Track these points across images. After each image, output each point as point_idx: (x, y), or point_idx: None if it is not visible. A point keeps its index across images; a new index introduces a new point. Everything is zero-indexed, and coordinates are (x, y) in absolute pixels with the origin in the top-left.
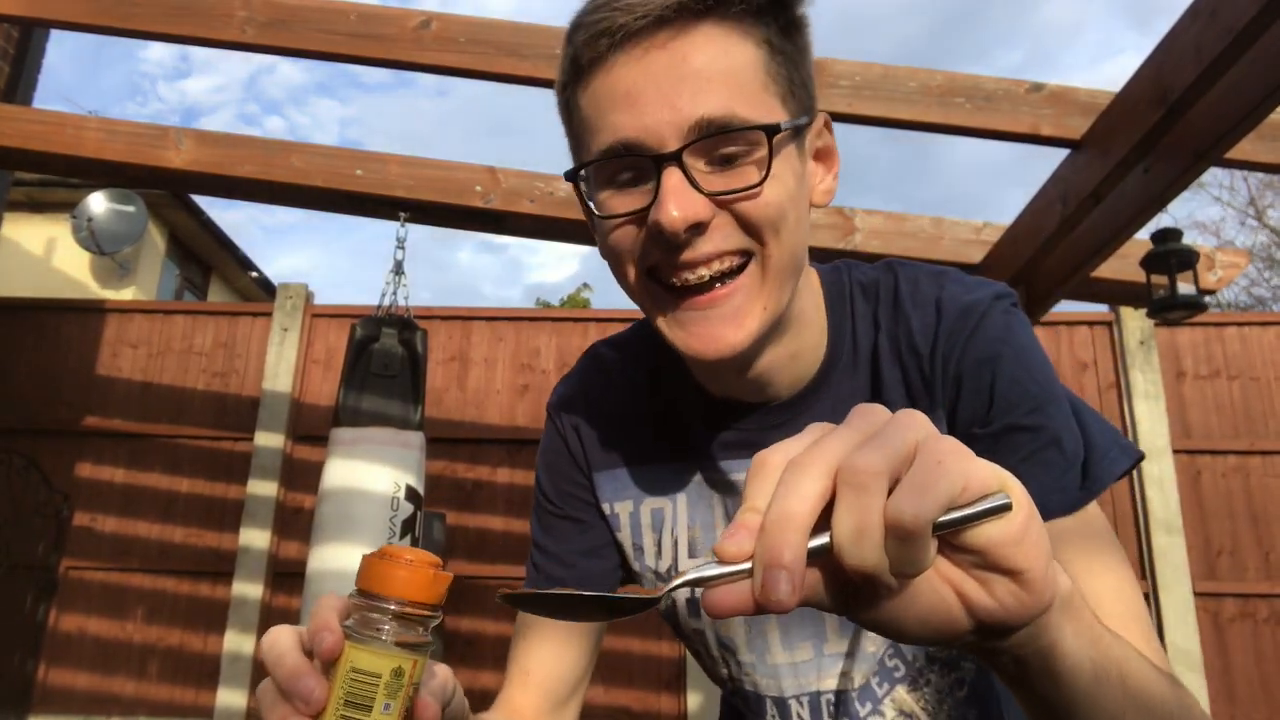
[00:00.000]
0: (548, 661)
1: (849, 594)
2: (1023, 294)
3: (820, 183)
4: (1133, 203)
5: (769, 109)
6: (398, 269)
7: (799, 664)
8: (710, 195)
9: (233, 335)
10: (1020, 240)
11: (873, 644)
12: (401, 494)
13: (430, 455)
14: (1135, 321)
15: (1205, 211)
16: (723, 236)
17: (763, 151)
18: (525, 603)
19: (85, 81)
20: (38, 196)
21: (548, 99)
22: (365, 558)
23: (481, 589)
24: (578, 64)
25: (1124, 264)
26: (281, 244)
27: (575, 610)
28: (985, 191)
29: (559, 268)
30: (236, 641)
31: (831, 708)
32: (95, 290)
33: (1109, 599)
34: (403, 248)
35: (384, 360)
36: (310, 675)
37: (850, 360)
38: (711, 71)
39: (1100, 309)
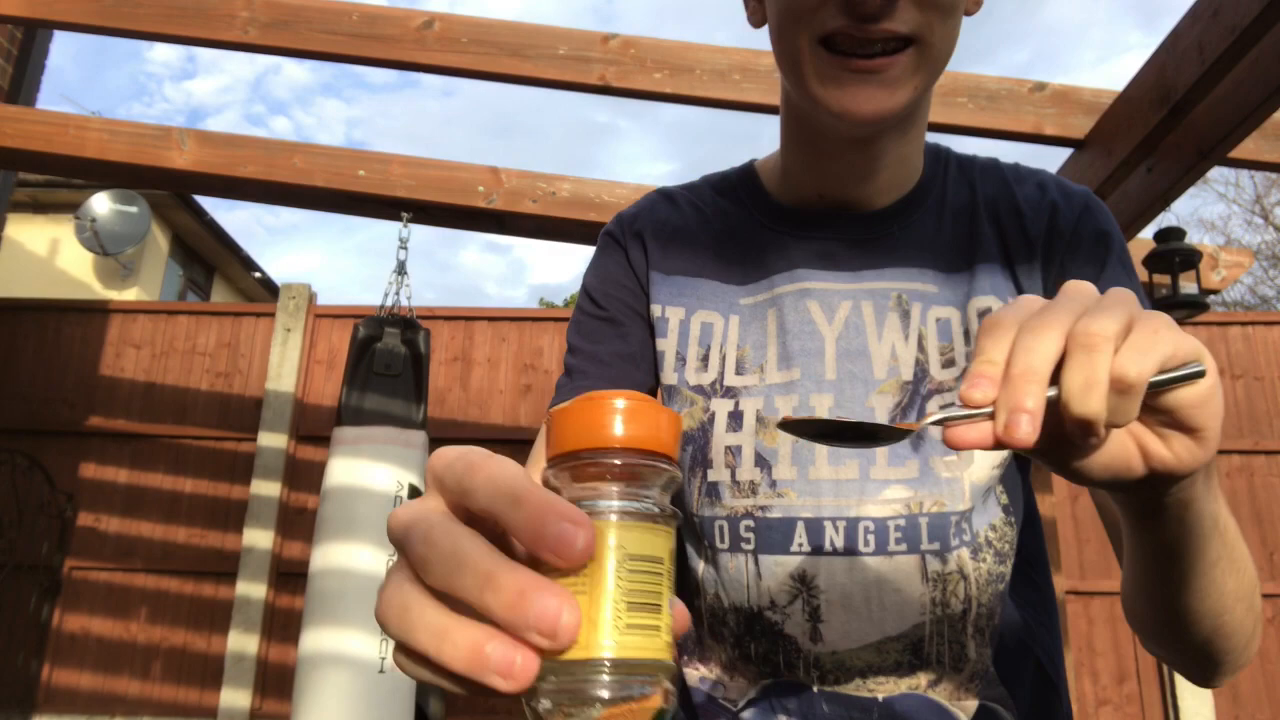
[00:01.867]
0: None
1: (1055, 441)
2: None
3: None
4: (1136, 202)
5: None
6: (400, 269)
7: (843, 482)
8: None
9: (236, 335)
10: None
11: (947, 469)
12: (404, 493)
13: None
14: None
15: (1211, 209)
16: (904, 16)
17: None
18: (798, 427)
19: (90, 82)
20: (41, 197)
21: (552, 99)
22: (586, 406)
23: None
24: None
25: None
26: (285, 244)
27: (838, 435)
28: None
29: (563, 268)
30: (240, 641)
31: (869, 536)
32: (99, 291)
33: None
34: (405, 248)
35: (387, 360)
36: (571, 513)
37: (939, 205)
38: None
39: None
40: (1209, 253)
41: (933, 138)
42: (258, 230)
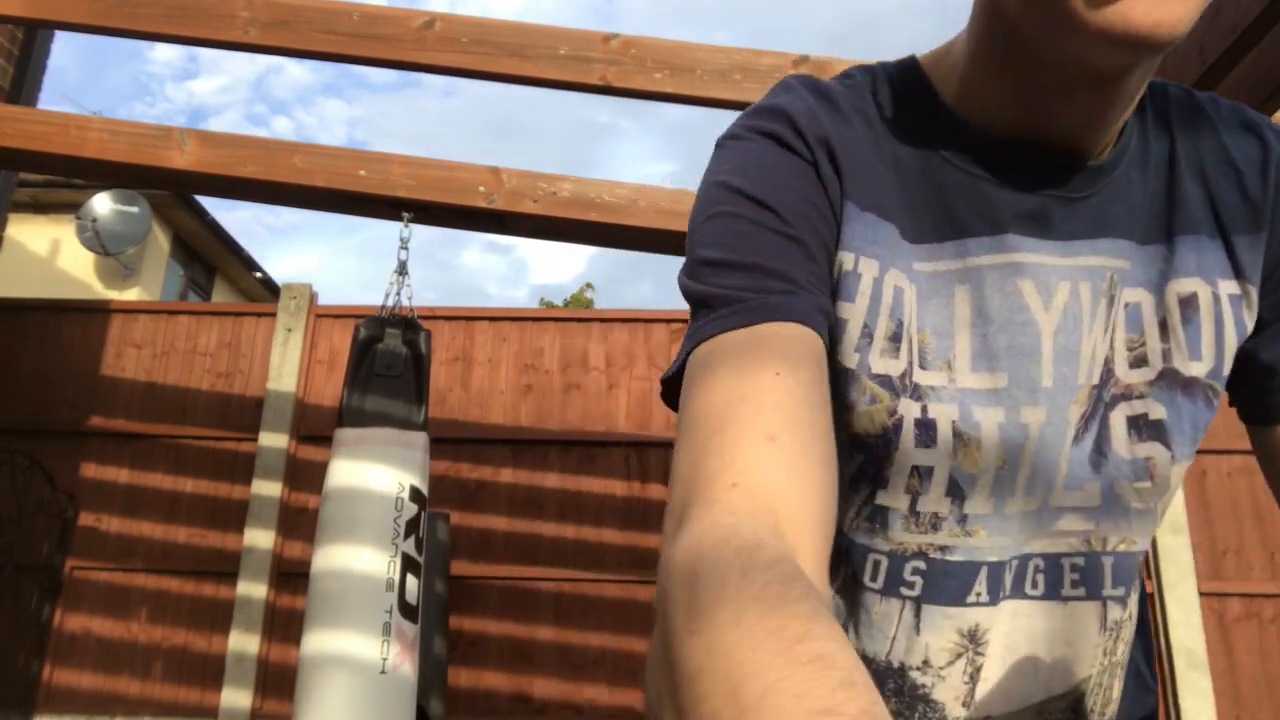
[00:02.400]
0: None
1: None
2: None
3: None
4: None
5: None
6: (401, 269)
7: (1026, 514)
8: None
9: (237, 335)
10: None
11: (1139, 499)
12: (405, 494)
13: (434, 456)
14: None
15: None
16: None
17: None
18: None
19: (92, 82)
20: (42, 197)
21: (554, 99)
22: None
23: (485, 589)
24: None
25: None
26: (286, 244)
27: None
28: None
29: (565, 268)
30: (241, 641)
31: (1038, 576)
32: (99, 291)
33: None
34: (406, 248)
35: (387, 360)
36: None
37: (1141, 154)
38: None
39: None
40: None
41: None
42: (259, 230)
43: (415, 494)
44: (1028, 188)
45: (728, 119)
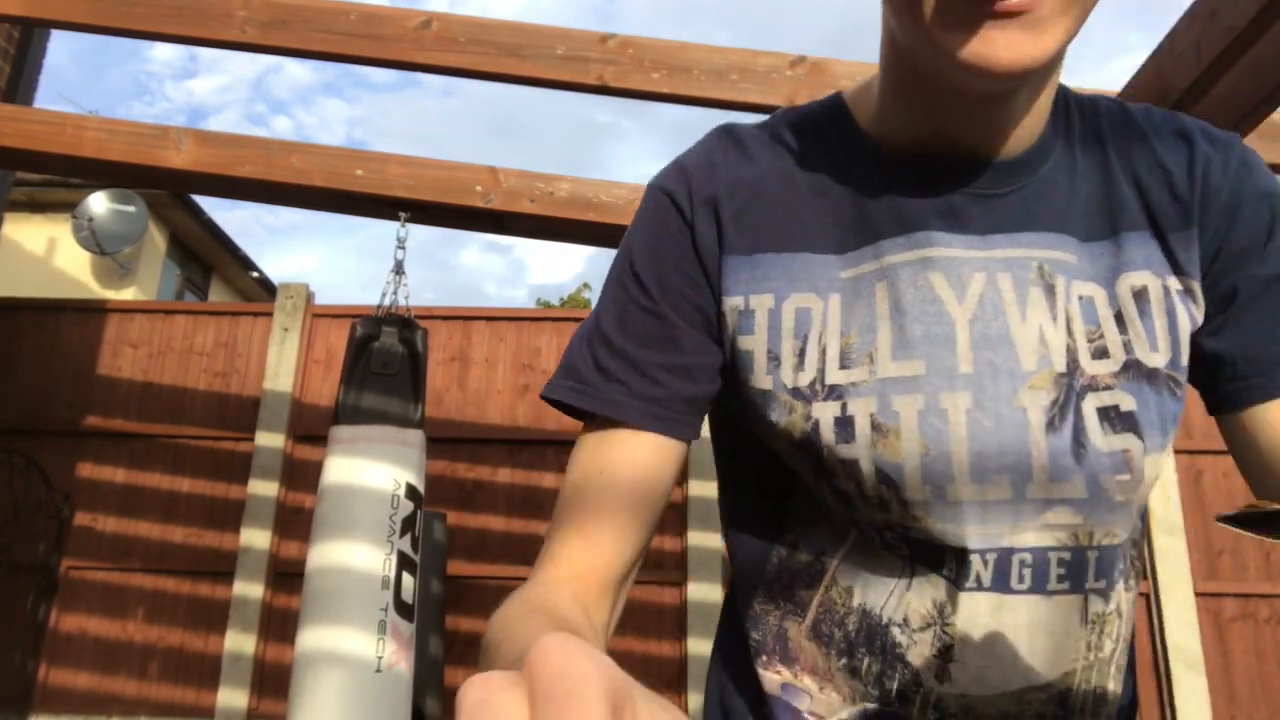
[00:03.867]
0: (608, 547)
1: None
2: None
3: None
4: None
5: None
6: (398, 268)
7: (991, 503)
8: None
9: (233, 335)
10: None
11: (1120, 491)
12: (401, 492)
13: (431, 455)
14: None
15: None
16: None
17: None
18: (1247, 523)
19: (91, 81)
20: (38, 196)
21: (554, 98)
22: None
23: (481, 589)
24: None
25: None
26: (286, 243)
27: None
28: None
29: (563, 268)
30: (237, 641)
31: (1025, 570)
32: (96, 290)
33: None
34: (403, 247)
35: (384, 359)
36: None
37: (1069, 160)
38: None
39: None
40: None
41: None
42: (257, 230)
43: (411, 491)
44: (939, 190)
45: (726, 119)
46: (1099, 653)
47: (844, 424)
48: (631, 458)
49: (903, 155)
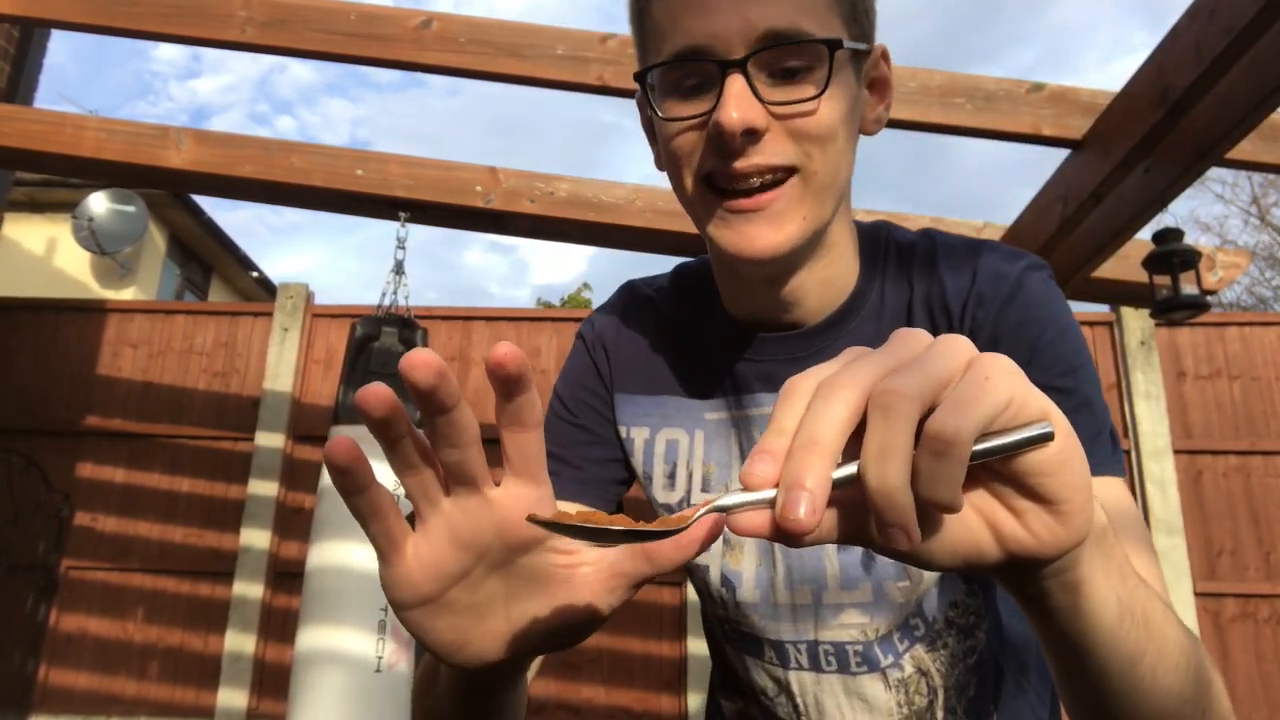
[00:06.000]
0: None
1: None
2: None
3: (871, 112)
4: (1133, 203)
5: (832, 27)
6: (398, 269)
7: (799, 608)
8: (769, 104)
9: (233, 335)
10: (1021, 240)
11: (901, 595)
12: (402, 491)
13: None
14: (1136, 322)
15: (1208, 209)
16: (774, 149)
17: (822, 70)
18: (553, 526)
19: (93, 81)
20: (38, 196)
21: (558, 98)
22: None
23: None
24: None
25: (1124, 264)
26: (289, 243)
27: (600, 537)
28: (996, 192)
29: (566, 268)
30: (237, 641)
31: (830, 658)
32: (96, 290)
33: (1139, 567)
34: (403, 247)
35: (384, 359)
36: None
37: (877, 308)
38: None
39: (1101, 309)
40: (1207, 253)
41: (944, 140)
42: (260, 230)
43: None
44: (759, 359)
45: None
46: (913, 707)
47: None
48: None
49: (740, 324)
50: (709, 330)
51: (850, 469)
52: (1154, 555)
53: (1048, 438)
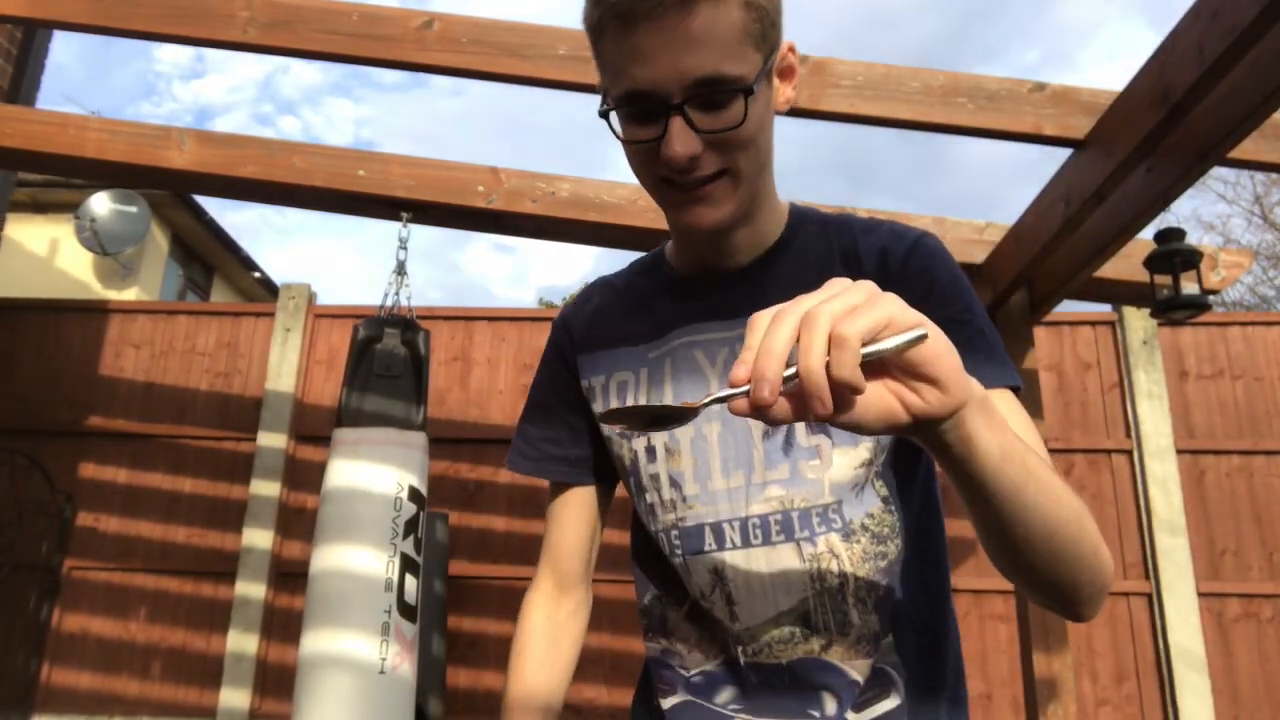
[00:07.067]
0: (568, 539)
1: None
2: (1025, 294)
3: (781, 95)
4: (1135, 203)
5: (748, 60)
6: (400, 269)
7: (733, 489)
8: (703, 134)
9: (235, 335)
10: (1023, 240)
11: (813, 472)
12: (404, 494)
13: (433, 456)
14: (1138, 321)
15: (1210, 209)
16: (709, 162)
17: (741, 103)
18: (617, 415)
19: (97, 81)
20: (41, 197)
21: (562, 98)
22: None
23: (484, 589)
24: (604, 20)
25: (1127, 264)
26: (294, 243)
27: (638, 417)
28: (998, 191)
29: (569, 269)
30: (239, 641)
31: (757, 531)
32: (98, 291)
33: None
34: (405, 248)
35: (386, 361)
36: None
37: (797, 255)
38: (706, 38)
39: (1103, 309)
40: (1209, 253)
41: (946, 139)
42: (265, 230)
43: (414, 494)
44: (698, 297)
45: None
46: (823, 584)
47: (650, 451)
48: (562, 498)
49: (682, 279)
50: (654, 288)
51: (793, 369)
52: (1037, 437)
53: (922, 338)
